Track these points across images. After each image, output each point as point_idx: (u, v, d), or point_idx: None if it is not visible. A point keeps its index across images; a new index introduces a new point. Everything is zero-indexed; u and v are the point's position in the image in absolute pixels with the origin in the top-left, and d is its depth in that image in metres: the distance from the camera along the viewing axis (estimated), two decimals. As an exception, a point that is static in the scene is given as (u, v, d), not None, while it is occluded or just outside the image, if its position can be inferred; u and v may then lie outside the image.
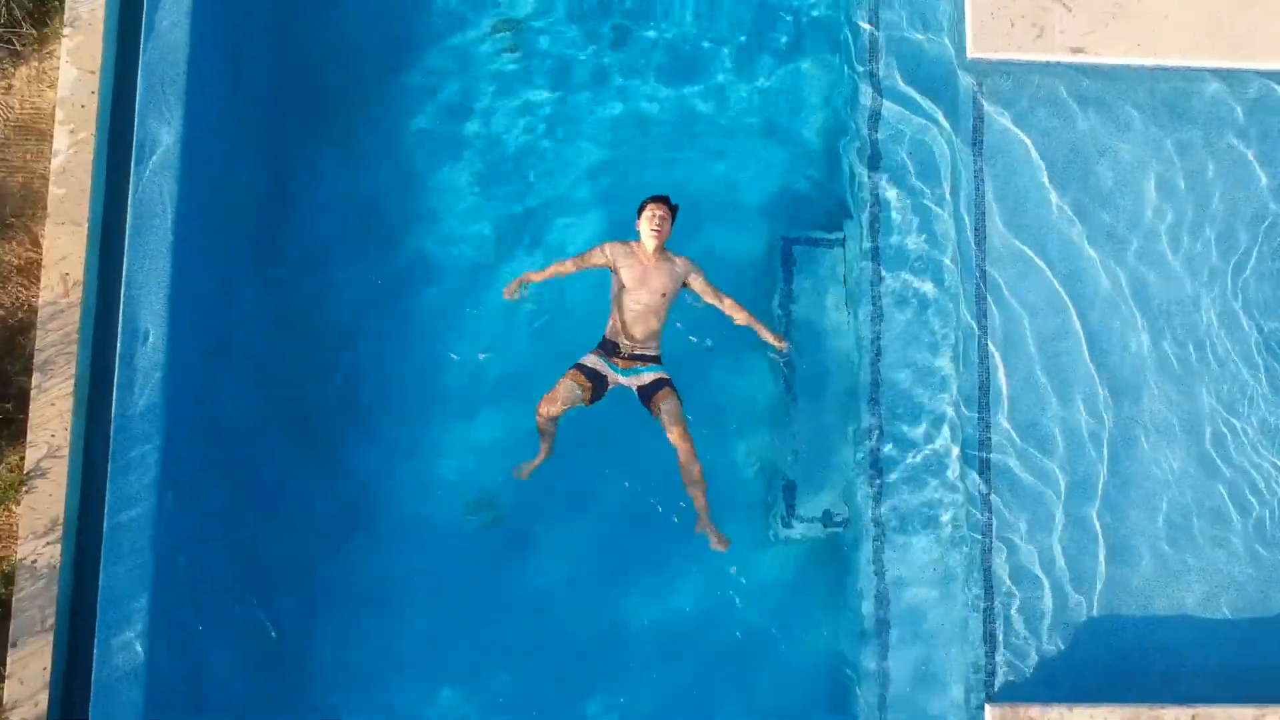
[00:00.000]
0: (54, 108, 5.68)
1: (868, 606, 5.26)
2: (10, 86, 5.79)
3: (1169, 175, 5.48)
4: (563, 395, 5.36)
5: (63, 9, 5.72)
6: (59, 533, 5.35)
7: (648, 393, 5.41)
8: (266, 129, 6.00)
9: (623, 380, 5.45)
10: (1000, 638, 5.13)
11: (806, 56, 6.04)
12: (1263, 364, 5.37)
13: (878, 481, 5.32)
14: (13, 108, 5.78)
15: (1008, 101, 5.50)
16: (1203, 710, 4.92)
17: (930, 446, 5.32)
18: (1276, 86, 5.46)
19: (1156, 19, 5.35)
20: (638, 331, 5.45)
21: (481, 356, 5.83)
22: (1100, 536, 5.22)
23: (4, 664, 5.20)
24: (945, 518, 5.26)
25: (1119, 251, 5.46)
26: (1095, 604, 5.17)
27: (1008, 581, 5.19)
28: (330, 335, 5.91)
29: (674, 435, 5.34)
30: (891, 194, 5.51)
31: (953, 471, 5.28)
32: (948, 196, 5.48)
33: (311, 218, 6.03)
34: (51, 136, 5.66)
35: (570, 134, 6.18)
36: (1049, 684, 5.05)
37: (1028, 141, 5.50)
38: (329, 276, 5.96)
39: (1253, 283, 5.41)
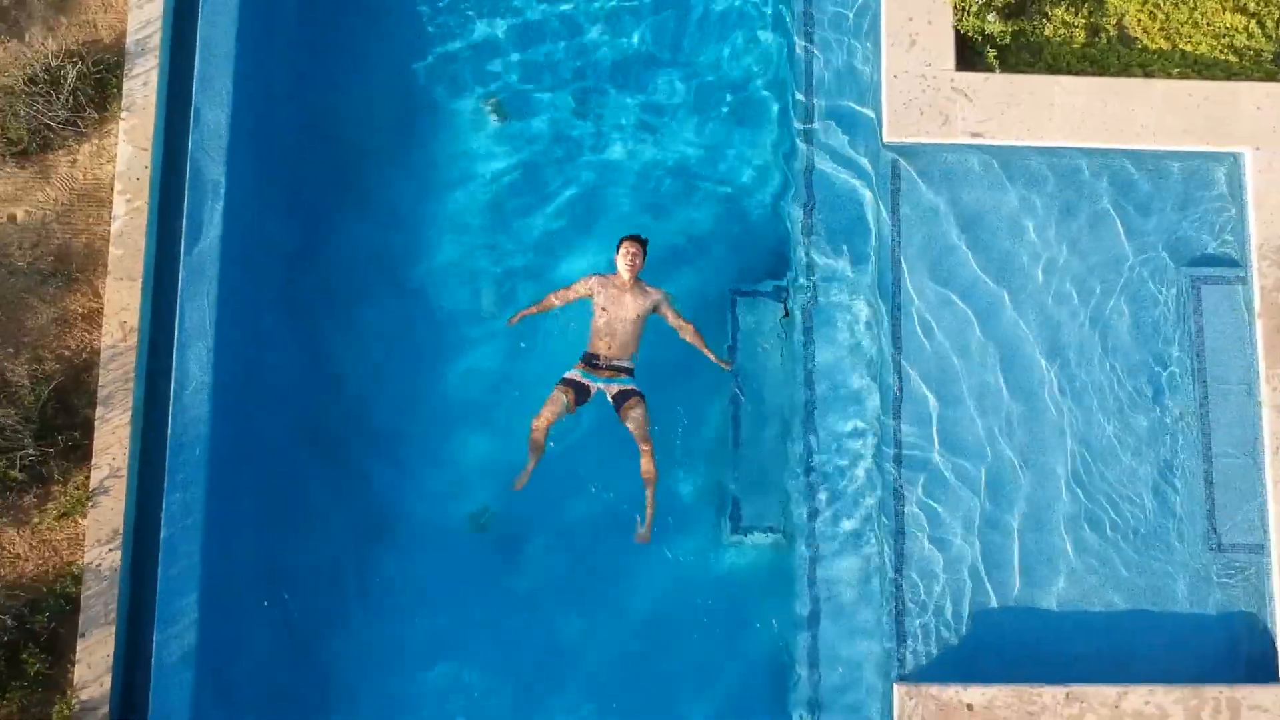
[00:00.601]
0: (112, 179, 6.68)
1: (801, 602, 6.27)
2: (75, 161, 6.79)
3: (1052, 231, 6.51)
4: (553, 404, 6.39)
5: (120, 95, 6.73)
6: (119, 541, 6.31)
7: (620, 400, 6.43)
8: (293, 193, 6.99)
9: (600, 387, 6.46)
10: (910, 628, 6.14)
11: (762, 140, 7.06)
12: (1125, 389, 6.39)
13: (810, 494, 6.33)
14: (77, 179, 6.78)
15: (921, 174, 6.53)
16: (1076, 689, 5.93)
17: (854, 466, 6.34)
18: (1129, 163, 6.51)
19: (1042, 107, 6.38)
20: (614, 348, 6.46)
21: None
22: (995, 536, 6.24)
23: (74, 651, 6.18)
24: (865, 525, 6.27)
25: (1014, 293, 6.48)
26: (990, 599, 6.18)
27: (917, 580, 6.20)
28: (346, 369, 6.91)
29: (638, 438, 6.36)
30: (825, 249, 6.52)
31: (871, 485, 6.29)
32: (872, 253, 6.50)
33: (332, 267, 7.02)
34: (110, 204, 6.66)
35: (553, 190, 7.18)
36: (949, 667, 6.06)
37: (938, 205, 6.53)
38: (347, 317, 6.95)
39: (1114, 318, 6.44)
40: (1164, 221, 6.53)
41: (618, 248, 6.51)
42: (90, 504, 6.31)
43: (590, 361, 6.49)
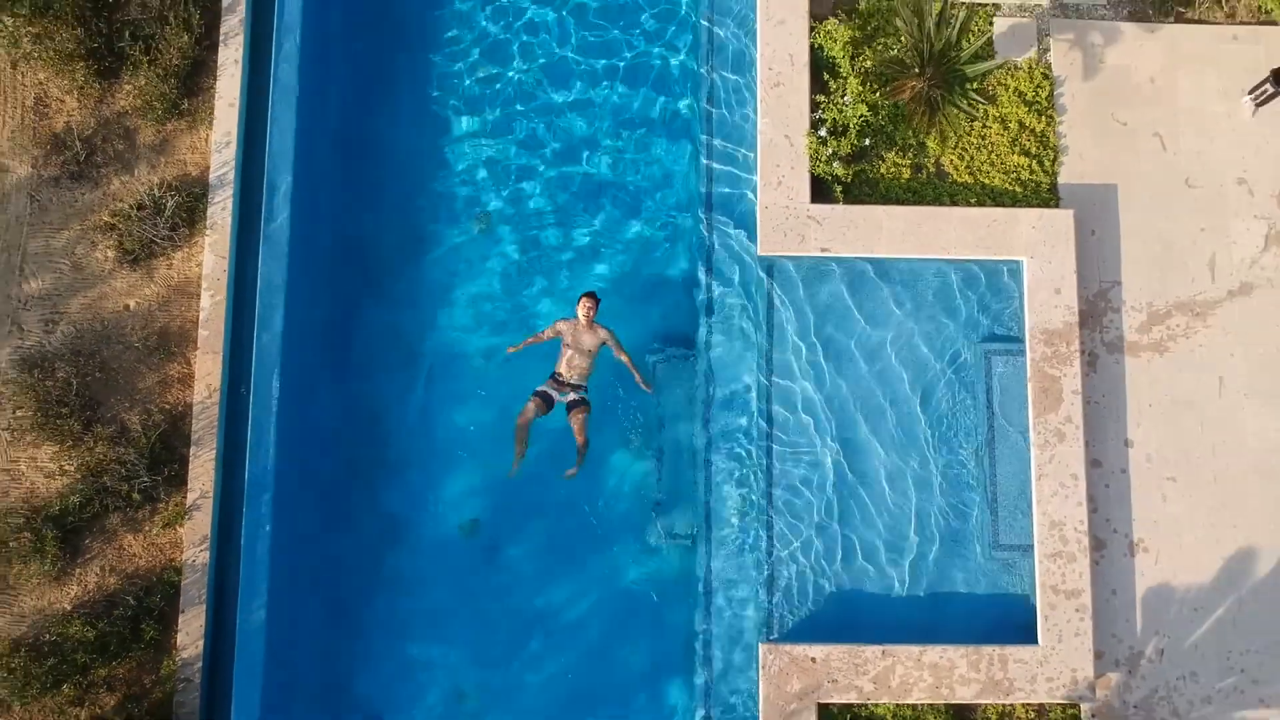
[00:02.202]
0: (200, 279, 9.13)
1: (703, 584, 8.70)
2: (172, 265, 9.23)
3: (886, 315, 8.93)
4: (530, 408, 8.87)
5: (205, 217, 9.17)
6: (207, 545, 8.75)
7: (571, 406, 8.91)
8: (332, 287, 9.41)
9: (561, 399, 8.94)
10: (777, 601, 8.56)
11: (679, 246, 9.49)
12: (939, 431, 8.80)
13: (708, 506, 8.77)
14: (173, 279, 9.22)
15: (788, 276, 8.95)
16: (890, 647, 8.34)
17: (738, 487, 8.76)
18: (944, 267, 8.94)
19: (874, 229, 8.80)
20: (574, 371, 8.95)
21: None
22: (839, 539, 8.66)
23: (176, 624, 8.62)
24: (748, 526, 8.69)
25: (861, 359, 8.89)
26: (834, 581, 8.60)
27: (784, 567, 8.62)
28: (372, 417, 9.34)
29: (577, 432, 8.88)
30: (720, 332, 8.96)
31: (751, 499, 8.71)
32: (754, 336, 8.92)
33: (359, 340, 9.46)
34: (199, 297, 9.11)
35: (522, 274, 9.61)
36: (802, 631, 8.49)
37: (801, 298, 8.95)
38: (372, 380, 9.39)
39: (933, 380, 8.86)
40: (968, 309, 8.95)
41: (579, 301, 8.94)
42: (186, 517, 8.76)
43: (556, 379, 8.99)
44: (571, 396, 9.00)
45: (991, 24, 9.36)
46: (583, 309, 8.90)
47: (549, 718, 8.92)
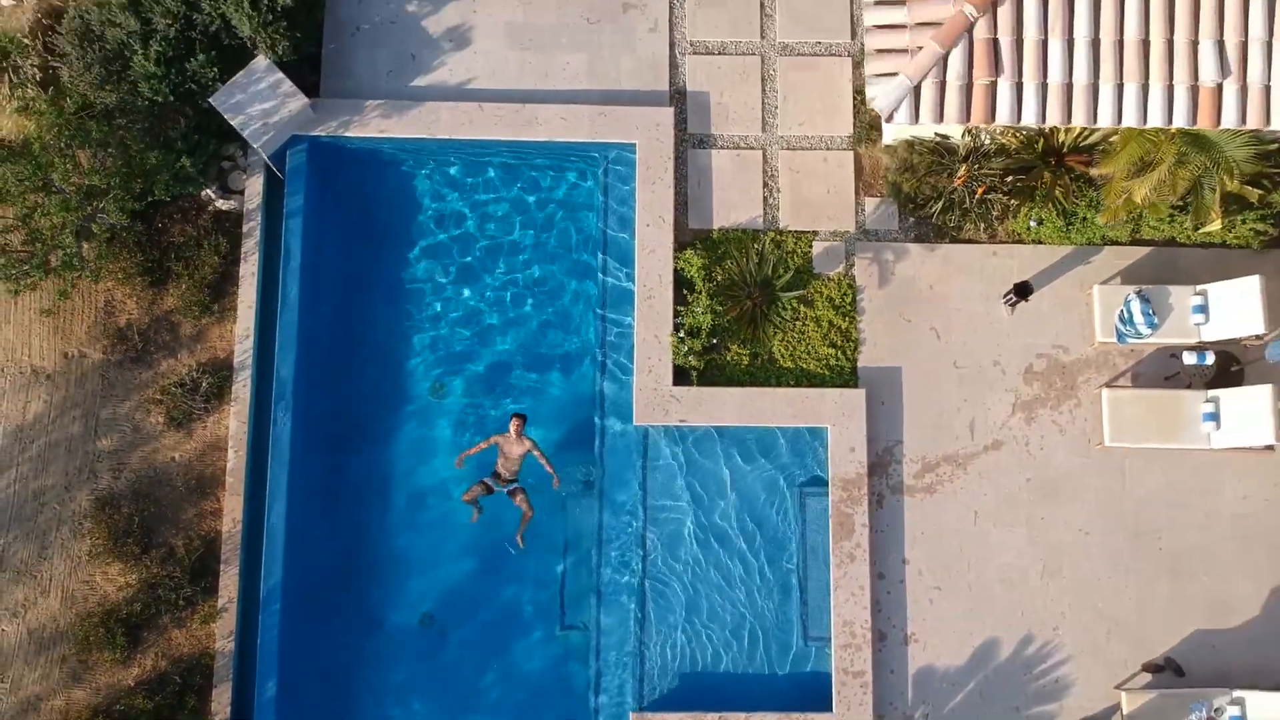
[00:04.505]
0: (227, 438, 12.38)
1: (591, 660, 11.94)
2: (205, 426, 12.49)
3: (730, 464, 12.17)
4: (475, 490, 12.08)
5: (231, 391, 12.42)
6: (232, 637, 11.93)
7: (511, 494, 12.12)
8: (324, 440, 12.65)
9: (501, 489, 12.13)
10: (644, 675, 11.79)
11: (581, 414, 12.71)
12: (766, 552, 12.03)
13: (598, 601, 12.00)
14: (207, 437, 12.48)
15: (658, 439, 12.20)
16: (726, 714, 11.54)
17: (623, 577, 12.00)
18: (773, 430, 12.20)
19: (720, 404, 12.03)
20: (508, 471, 12.15)
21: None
22: (693, 630, 11.89)
23: (211, 695, 11.84)
24: (624, 622, 11.93)
25: (717, 499, 12.12)
26: (689, 663, 11.82)
27: (650, 653, 11.84)
28: (355, 538, 12.57)
29: (521, 503, 12.04)
30: (609, 476, 12.22)
31: (628, 603, 11.95)
32: (633, 480, 12.17)
33: (348, 476, 12.69)
34: (226, 451, 12.36)
35: (467, 422, 12.86)
36: (663, 702, 11.73)
37: (669, 457, 12.19)
38: (356, 509, 12.62)
39: (764, 512, 12.11)
40: (788, 462, 12.21)
41: (510, 420, 12.08)
42: (218, 616, 12.00)
43: (496, 475, 12.21)
44: (510, 487, 12.21)
45: (811, 246, 12.62)
46: (514, 426, 12.05)
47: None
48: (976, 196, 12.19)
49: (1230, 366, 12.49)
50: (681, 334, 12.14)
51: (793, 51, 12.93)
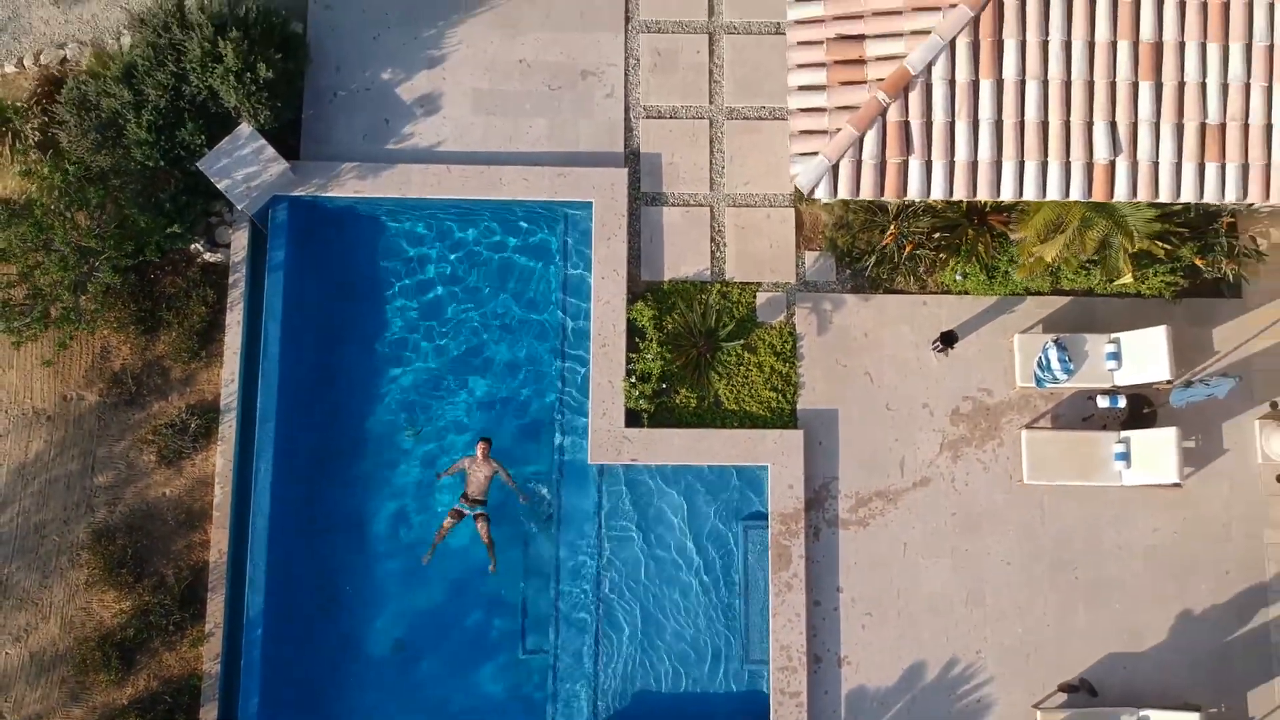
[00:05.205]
0: (214, 474, 13.38)
1: (549, 681, 12.96)
2: (195, 464, 13.49)
3: (672, 502, 13.17)
4: (447, 524, 13.08)
5: (218, 430, 13.42)
6: (218, 659, 12.93)
7: (477, 519, 13.08)
8: (304, 476, 13.66)
9: (470, 512, 13.11)
10: (599, 694, 12.79)
11: (542, 451, 13.73)
12: (712, 581, 13.04)
13: (556, 628, 13.01)
14: (195, 474, 13.48)
15: (612, 475, 13.21)
16: (672, 729, 12.55)
17: (579, 605, 13.00)
18: (720, 470, 13.19)
19: (668, 445, 13.03)
20: (476, 492, 13.15)
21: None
22: (645, 655, 12.88)
23: (199, 714, 12.83)
24: (583, 648, 12.93)
25: (661, 534, 13.13)
26: (639, 683, 12.82)
27: (605, 674, 12.83)
28: (330, 568, 13.57)
29: (483, 535, 13.04)
30: (573, 529, 13.22)
31: (585, 611, 12.95)
32: (591, 512, 13.17)
33: (321, 513, 13.69)
34: (214, 487, 13.36)
35: (449, 421, 13.85)
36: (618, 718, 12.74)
37: (627, 500, 13.19)
38: (331, 538, 13.62)
39: (707, 546, 13.12)
40: (733, 498, 13.22)
41: (477, 443, 13.13)
42: (205, 641, 13.00)
43: (465, 497, 13.20)
44: (478, 510, 13.17)
45: (755, 297, 13.61)
46: (480, 448, 13.10)
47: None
48: (905, 252, 13.20)
49: (1143, 409, 13.48)
50: (634, 379, 13.14)
51: (739, 116, 13.96)
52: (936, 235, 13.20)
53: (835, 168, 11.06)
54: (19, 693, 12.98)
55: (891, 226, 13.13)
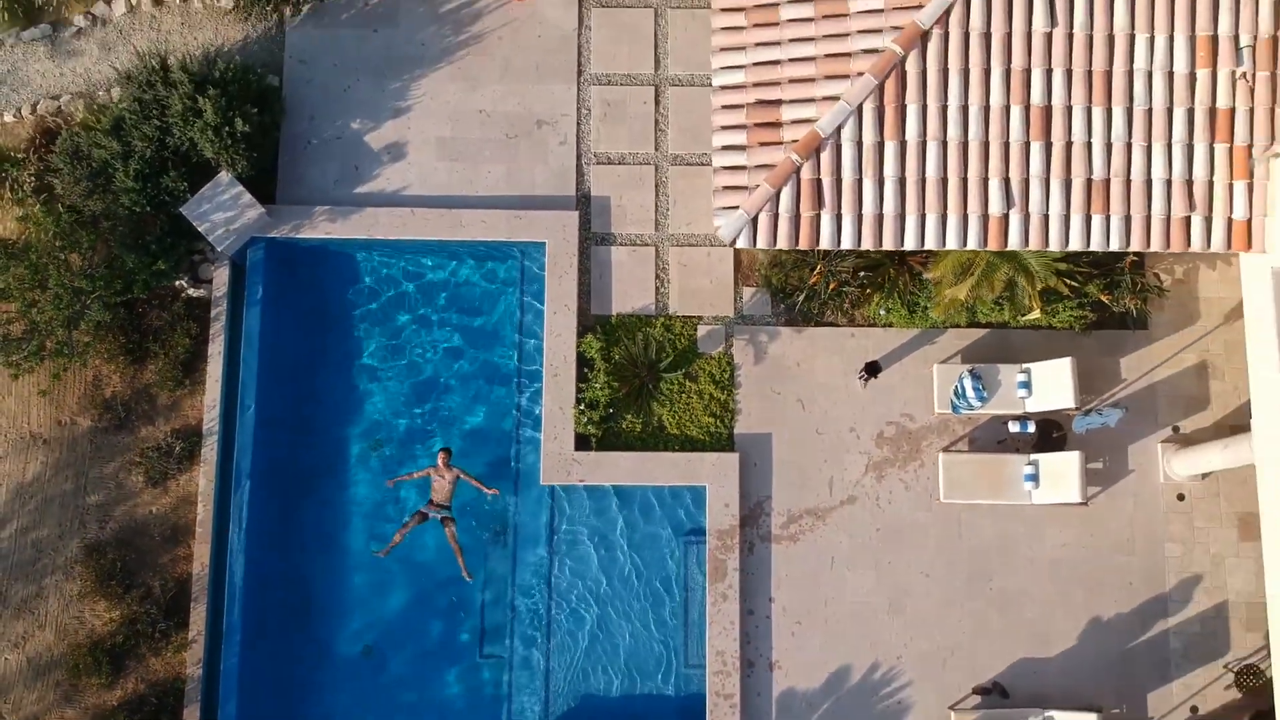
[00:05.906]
0: (197, 494, 14.51)
1: (505, 685, 14.08)
2: (179, 484, 14.63)
3: (627, 523, 14.31)
4: (412, 521, 14.21)
5: (200, 453, 14.55)
6: (200, 664, 14.08)
7: (443, 522, 14.20)
8: (279, 493, 14.79)
9: (435, 516, 14.23)
10: (550, 696, 13.92)
11: (501, 472, 14.90)
12: (659, 587, 14.17)
13: (510, 632, 14.15)
14: (180, 493, 14.60)
15: (568, 497, 14.35)
16: (616, 728, 13.69)
17: (532, 613, 14.14)
18: (663, 491, 14.33)
19: (615, 468, 14.18)
20: (441, 498, 14.28)
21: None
22: (592, 661, 14.02)
23: (183, 714, 13.97)
24: (537, 639, 14.07)
25: (609, 553, 14.26)
26: (588, 687, 13.95)
27: (556, 679, 13.97)
28: (305, 579, 14.71)
29: (451, 540, 14.16)
30: (527, 544, 14.37)
31: (537, 617, 14.09)
32: (542, 530, 14.31)
33: (296, 527, 14.82)
34: (196, 505, 14.50)
35: (416, 441, 14.99)
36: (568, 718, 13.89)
37: (577, 517, 14.33)
38: (306, 552, 14.75)
39: (645, 563, 14.27)
40: (675, 515, 14.36)
41: (439, 454, 14.22)
42: (189, 646, 14.14)
43: (431, 503, 14.31)
44: (443, 514, 14.29)
45: (696, 329, 14.76)
46: (440, 458, 14.20)
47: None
48: (831, 289, 14.35)
49: (1053, 434, 14.62)
50: (583, 406, 14.28)
51: (682, 161, 15.12)
52: (861, 274, 14.33)
53: (755, 220, 12.18)
54: (17, 695, 14.13)
55: (819, 265, 14.27)
